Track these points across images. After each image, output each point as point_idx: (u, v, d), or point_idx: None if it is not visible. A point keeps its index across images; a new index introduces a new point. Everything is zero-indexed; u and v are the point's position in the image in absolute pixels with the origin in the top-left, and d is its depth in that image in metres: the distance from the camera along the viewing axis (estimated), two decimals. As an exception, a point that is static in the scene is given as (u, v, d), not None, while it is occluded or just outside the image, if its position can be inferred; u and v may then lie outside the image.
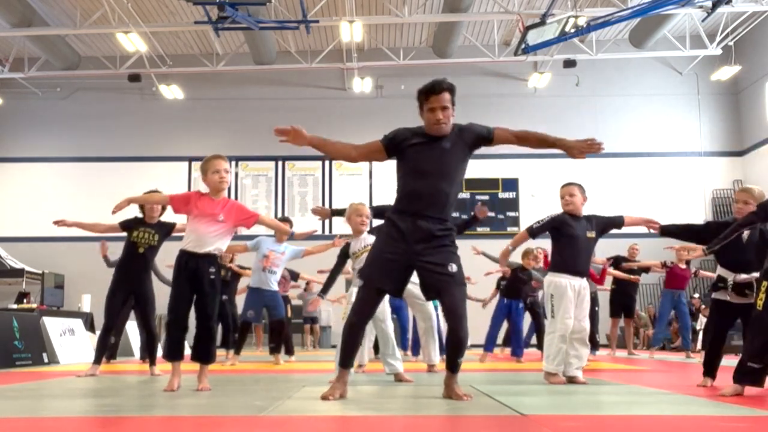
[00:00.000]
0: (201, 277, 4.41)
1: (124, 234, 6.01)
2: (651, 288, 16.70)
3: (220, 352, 9.59)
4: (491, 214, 17.35)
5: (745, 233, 4.62)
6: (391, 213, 3.84)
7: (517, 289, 8.78)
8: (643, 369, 7.21)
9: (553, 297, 5.07)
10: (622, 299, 10.57)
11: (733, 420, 3.08)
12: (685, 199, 17.36)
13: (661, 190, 17.25)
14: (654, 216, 5.25)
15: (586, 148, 3.82)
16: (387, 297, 5.73)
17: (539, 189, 16.82)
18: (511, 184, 17.65)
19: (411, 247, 3.71)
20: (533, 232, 5.21)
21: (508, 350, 10.45)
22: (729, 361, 4.69)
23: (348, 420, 3.11)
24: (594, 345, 9.24)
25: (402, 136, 3.83)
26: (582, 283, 5.08)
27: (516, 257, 8.75)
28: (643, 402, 3.83)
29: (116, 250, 6.36)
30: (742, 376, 4.04)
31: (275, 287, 7.93)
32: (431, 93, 3.76)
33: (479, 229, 14.91)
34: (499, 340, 10.93)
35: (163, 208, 5.95)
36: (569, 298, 5.00)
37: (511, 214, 17.40)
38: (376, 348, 9.81)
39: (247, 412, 3.22)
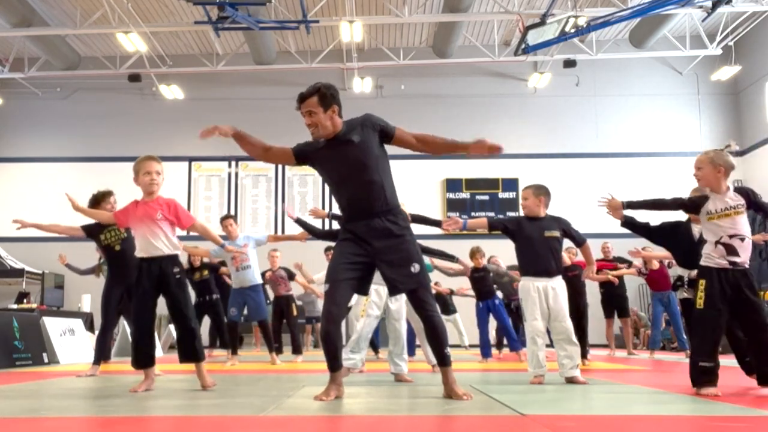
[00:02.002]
0: (167, 279, 4.38)
1: (87, 236, 6.02)
2: (645, 288, 16.68)
3: (221, 352, 9.61)
4: (491, 214, 17.38)
5: (696, 231, 4.68)
6: (343, 223, 3.91)
7: (483, 289, 8.78)
8: (643, 369, 7.21)
9: (522, 300, 5.19)
10: (613, 300, 10.58)
11: (733, 420, 3.07)
12: (685, 199, 17.33)
13: (661, 190, 17.12)
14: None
15: (486, 149, 3.79)
16: (404, 296, 5.73)
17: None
18: (511, 184, 17.64)
19: (372, 246, 3.74)
20: (491, 223, 5.34)
21: (506, 350, 10.45)
22: (723, 361, 4.68)
23: (348, 420, 3.11)
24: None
25: (311, 147, 3.89)
26: (550, 283, 5.06)
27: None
28: (642, 402, 3.83)
29: (85, 251, 6.39)
30: (698, 377, 4.03)
31: (256, 281, 8.06)
32: (299, 104, 3.83)
33: (478, 230, 14.87)
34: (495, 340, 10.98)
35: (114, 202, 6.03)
36: (533, 299, 5.04)
37: (511, 214, 17.36)
38: (374, 347, 9.84)
39: (247, 412, 3.22)
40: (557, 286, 5.09)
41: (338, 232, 4.17)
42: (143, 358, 4.45)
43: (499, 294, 9.29)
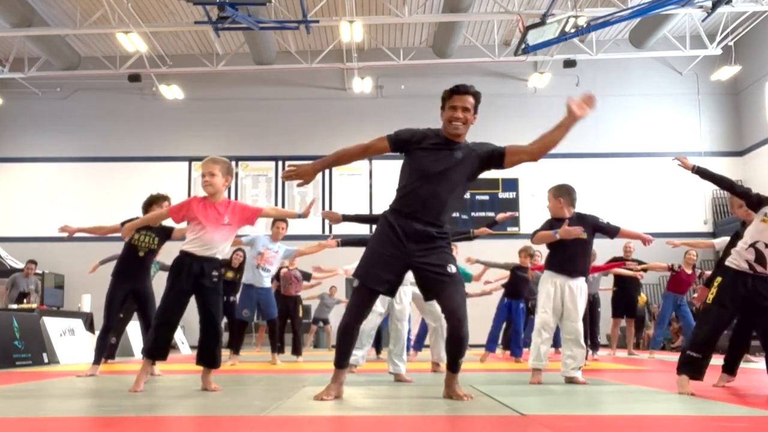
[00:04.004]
0: (204, 279, 4.38)
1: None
2: (652, 288, 16.69)
3: (224, 352, 9.59)
4: (491, 213, 17.38)
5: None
6: (388, 213, 3.84)
7: (517, 289, 8.79)
8: (644, 369, 7.21)
9: (538, 292, 5.20)
10: (624, 300, 10.58)
11: (733, 420, 3.07)
12: (685, 199, 17.35)
13: (661, 190, 17.24)
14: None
15: (584, 106, 3.60)
16: (407, 298, 5.72)
17: (539, 189, 16.79)
18: (511, 184, 17.64)
19: (407, 247, 3.71)
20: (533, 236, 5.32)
21: (508, 351, 10.46)
22: (717, 361, 4.66)
23: (348, 420, 3.10)
24: (594, 345, 9.26)
25: (415, 138, 3.81)
26: (573, 283, 5.06)
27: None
28: (642, 402, 3.83)
29: (89, 252, 6.32)
30: (682, 365, 4.06)
31: (267, 285, 7.99)
32: (456, 93, 3.79)
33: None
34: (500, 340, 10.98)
35: None
36: (548, 292, 5.04)
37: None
38: (377, 347, 9.84)
39: (247, 412, 3.22)
40: (576, 286, 5.07)
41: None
42: (161, 351, 4.43)
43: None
